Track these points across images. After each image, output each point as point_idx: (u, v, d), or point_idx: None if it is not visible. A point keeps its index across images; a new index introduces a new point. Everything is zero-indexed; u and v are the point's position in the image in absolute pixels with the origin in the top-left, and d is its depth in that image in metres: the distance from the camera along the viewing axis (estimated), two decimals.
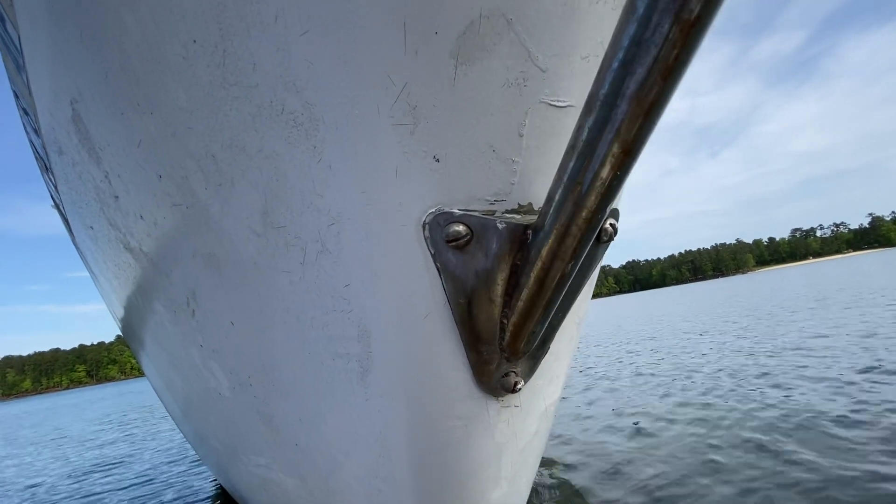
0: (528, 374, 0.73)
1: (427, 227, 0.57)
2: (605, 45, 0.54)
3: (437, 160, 0.54)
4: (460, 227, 0.55)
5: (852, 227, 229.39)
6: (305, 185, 0.65)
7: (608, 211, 0.47)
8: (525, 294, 0.55)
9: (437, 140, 0.54)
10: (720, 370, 4.08)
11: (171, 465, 3.95)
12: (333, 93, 0.55)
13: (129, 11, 0.70)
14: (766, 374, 3.62)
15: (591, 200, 0.44)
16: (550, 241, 0.50)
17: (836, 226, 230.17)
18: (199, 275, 1.08)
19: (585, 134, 0.41)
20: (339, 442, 0.97)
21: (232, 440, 1.58)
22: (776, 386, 3.18)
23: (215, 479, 3.14)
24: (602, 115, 0.39)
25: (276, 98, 0.60)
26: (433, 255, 0.59)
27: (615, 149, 0.40)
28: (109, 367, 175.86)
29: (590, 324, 13.62)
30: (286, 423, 1.11)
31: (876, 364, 3.34)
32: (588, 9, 0.51)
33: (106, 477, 3.93)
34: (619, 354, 6.25)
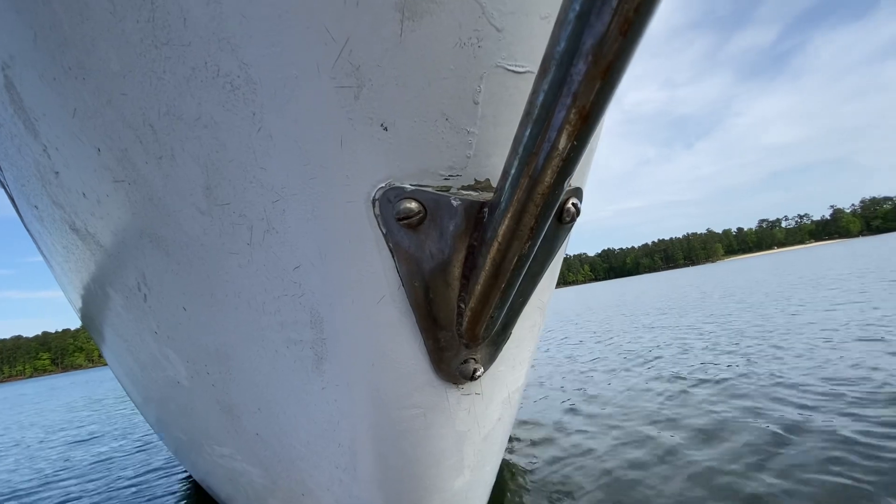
0: (489, 360, 0.71)
1: (377, 203, 0.53)
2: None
3: (385, 128, 0.49)
4: (412, 204, 0.51)
5: (815, 218, 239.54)
6: (247, 158, 0.59)
7: (567, 186, 0.44)
8: (482, 277, 0.52)
9: (383, 105, 0.49)
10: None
11: (139, 453, 3.84)
12: (269, 50, 0.50)
13: None
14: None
15: (548, 174, 0.41)
16: (507, 219, 0.46)
17: (800, 217, 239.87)
18: (148, 257, 1.02)
19: (541, 98, 0.38)
20: (297, 432, 0.93)
21: (195, 430, 1.53)
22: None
23: (185, 470, 3.06)
24: (558, 77, 0.36)
25: (210, 58, 0.54)
26: (385, 235, 0.55)
27: (572, 115, 0.37)
28: (76, 354, 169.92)
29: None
30: (246, 412, 1.06)
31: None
32: None
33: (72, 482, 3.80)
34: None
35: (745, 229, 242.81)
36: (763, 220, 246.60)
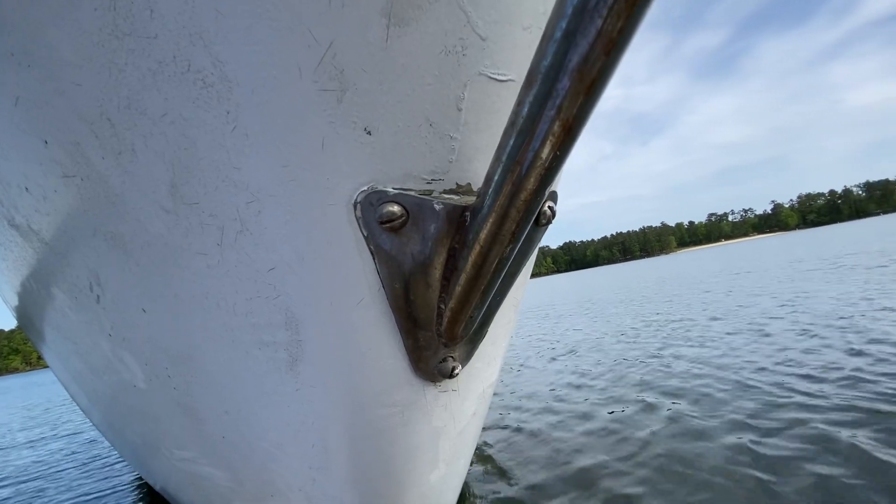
0: (466, 358, 0.72)
1: (359, 206, 0.53)
2: (548, 17, 0.51)
3: (369, 133, 0.49)
4: (395, 208, 0.51)
5: (758, 212, 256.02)
6: (219, 156, 0.57)
7: (548, 193, 0.45)
8: (463, 278, 0.53)
9: (367, 110, 0.49)
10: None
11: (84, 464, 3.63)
12: (248, 49, 0.48)
13: None
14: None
15: (531, 181, 0.42)
16: (489, 223, 0.47)
17: (745, 211, 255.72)
18: (103, 256, 0.96)
19: (526, 109, 0.39)
20: (269, 434, 0.92)
21: (152, 435, 1.47)
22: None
23: (138, 475, 2.92)
24: (543, 90, 0.37)
25: (180, 53, 0.52)
26: (366, 238, 0.55)
27: (556, 127, 0.38)
28: (11, 357, 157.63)
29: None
30: (212, 415, 1.03)
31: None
32: None
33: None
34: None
35: (696, 223, 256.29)
36: (712, 214, 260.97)
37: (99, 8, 0.57)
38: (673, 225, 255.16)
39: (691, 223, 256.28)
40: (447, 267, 0.54)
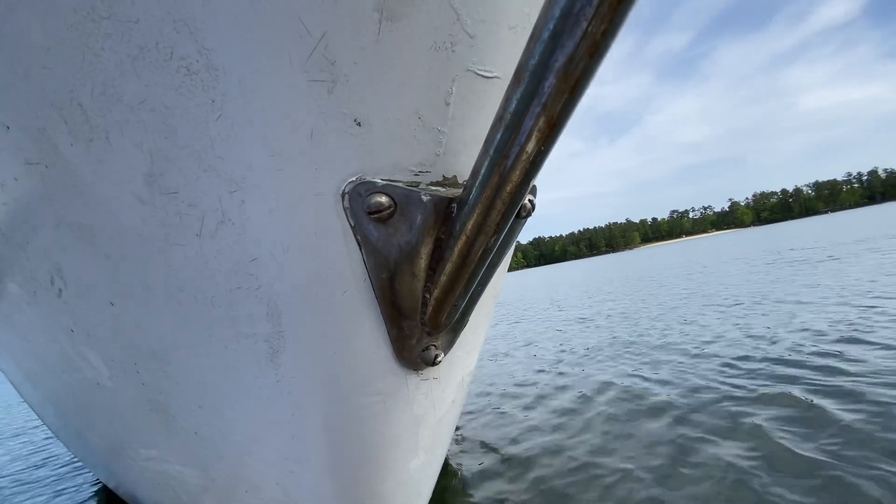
0: (448, 346, 0.74)
1: (346, 196, 0.53)
2: (532, 17, 0.53)
3: (359, 124, 0.49)
4: (383, 199, 0.52)
5: (716, 210, 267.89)
6: (202, 145, 0.56)
7: (531, 185, 0.47)
8: (449, 268, 0.54)
9: (358, 102, 0.49)
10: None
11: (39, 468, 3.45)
12: (237, 38, 0.48)
13: None
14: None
15: (517, 174, 0.44)
16: (476, 214, 0.49)
17: (705, 209, 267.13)
18: (67, 248, 0.92)
19: (514, 105, 0.41)
20: (246, 427, 0.91)
21: (116, 434, 1.42)
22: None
23: (97, 479, 2.80)
24: (530, 88, 0.39)
25: (162, 39, 0.51)
26: (353, 228, 0.55)
27: (541, 122, 0.40)
28: None
29: None
30: (184, 411, 1.01)
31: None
32: None
33: None
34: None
35: (659, 219, 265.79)
36: (674, 211, 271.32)
37: None
38: (637, 221, 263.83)
39: (654, 220, 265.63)
40: (433, 257, 0.56)
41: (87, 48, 0.57)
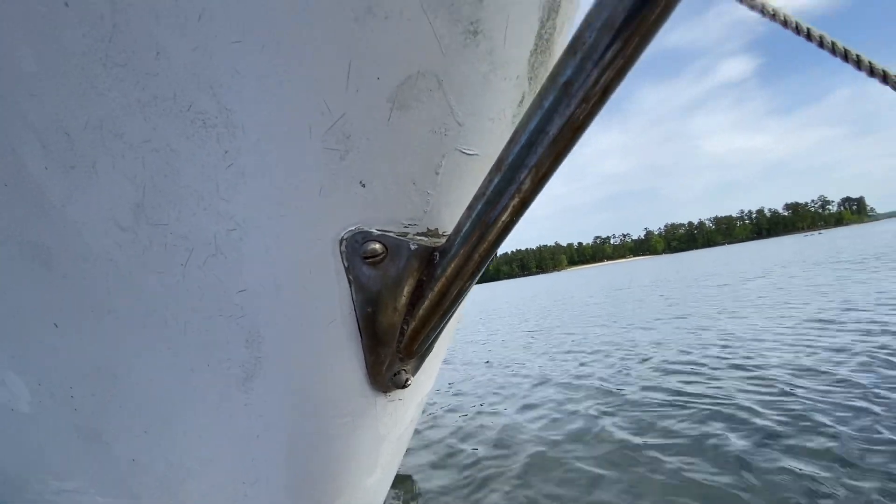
0: (415, 370, 0.83)
1: (344, 242, 0.61)
2: (506, 112, 0.67)
3: (363, 185, 0.59)
4: (377, 246, 0.61)
5: (634, 237, 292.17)
6: (206, 188, 0.61)
7: (503, 243, 0.59)
8: (427, 304, 0.65)
9: (365, 168, 0.58)
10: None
11: None
12: (262, 107, 0.54)
13: None
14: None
15: (493, 235, 0.56)
16: (455, 262, 0.60)
17: (624, 236, 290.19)
18: (12, 265, 0.89)
19: (493, 186, 0.53)
20: (199, 451, 0.91)
21: (20, 465, 1.30)
22: None
23: None
24: (508, 176, 0.51)
25: (181, 92, 0.56)
26: (346, 269, 0.63)
27: (515, 200, 0.53)
28: None
29: None
30: (123, 437, 0.98)
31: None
32: (497, 83, 0.62)
33: None
34: None
35: (584, 244, 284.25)
36: (597, 237, 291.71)
37: (89, 36, 0.57)
38: (564, 245, 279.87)
39: (580, 244, 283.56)
40: (414, 294, 0.65)
41: (91, 87, 0.59)
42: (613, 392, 2.95)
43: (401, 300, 0.66)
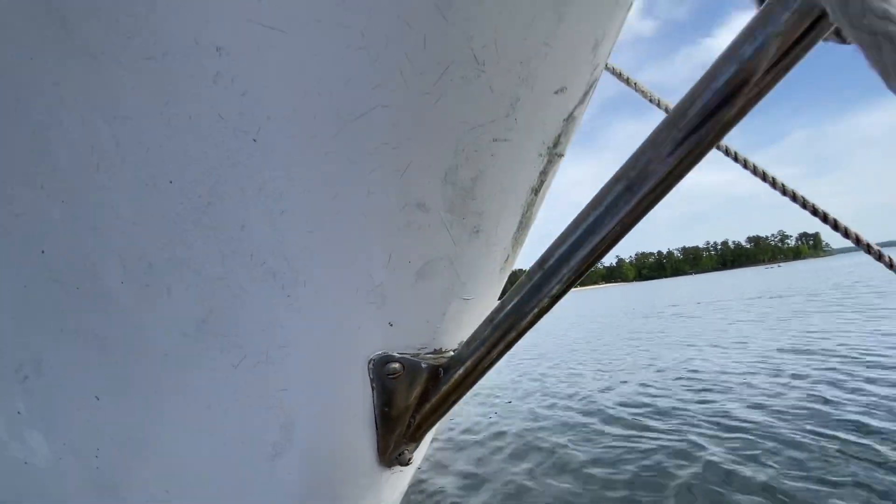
0: (416, 448, 1.00)
1: (372, 362, 0.80)
2: (496, 268, 0.88)
3: (391, 325, 0.77)
4: (397, 365, 0.80)
5: (606, 264, 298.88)
6: (266, 318, 0.78)
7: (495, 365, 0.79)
8: (431, 405, 0.83)
9: (395, 317, 0.79)
10: None
11: None
12: (322, 271, 0.74)
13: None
14: None
15: (485, 364, 0.77)
16: (457, 376, 0.80)
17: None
18: (63, 346, 1.00)
19: (486, 338, 0.76)
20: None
21: None
22: None
23: None
24: (498, 335, 0.73)
25: (257, 253, 0.74)
26: (371, 380, 0.81)
27: (502, 344, 0.74)
28: None
29: None
30: (142, 495, 1.06)
31: None
32: (491, 258, 0.85)
33: None
34: None
35: None
36: None
37: (186, 205, 0.72)
38: None
39: None
40: (422, 397, 0.84)
41: (181, 240, 0.76)
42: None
43: (411, 401, 0.84)
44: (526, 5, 0.55)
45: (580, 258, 0.65)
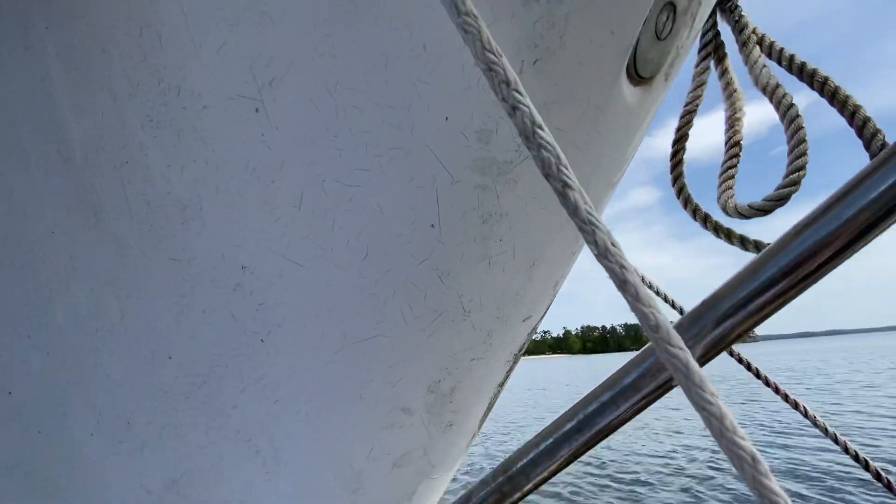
0: None
1: None
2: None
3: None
4: None
5: (553, 334, 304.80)
6: (241, 488, 0.78)
7: None
8: None
9: (368, 500, 0.83)
10: None
11: None
12: (305, 455, 0.77)
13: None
14: None
15: None
16: None
17: (544, 332, 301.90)
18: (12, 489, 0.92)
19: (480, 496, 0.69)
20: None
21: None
22: None
23: None
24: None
25: (245, 430, 0.74)
26: None
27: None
28: None
29: None
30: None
31: None
32: (462, 439, 0.90)
33: None
34: None
35: None
36: None
37: (181, 380, 0.73)
38: None
39: None
40: None
41: (168, 408, 0.76)
42: None
43: None
44: (509, 270, 0.69)
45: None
